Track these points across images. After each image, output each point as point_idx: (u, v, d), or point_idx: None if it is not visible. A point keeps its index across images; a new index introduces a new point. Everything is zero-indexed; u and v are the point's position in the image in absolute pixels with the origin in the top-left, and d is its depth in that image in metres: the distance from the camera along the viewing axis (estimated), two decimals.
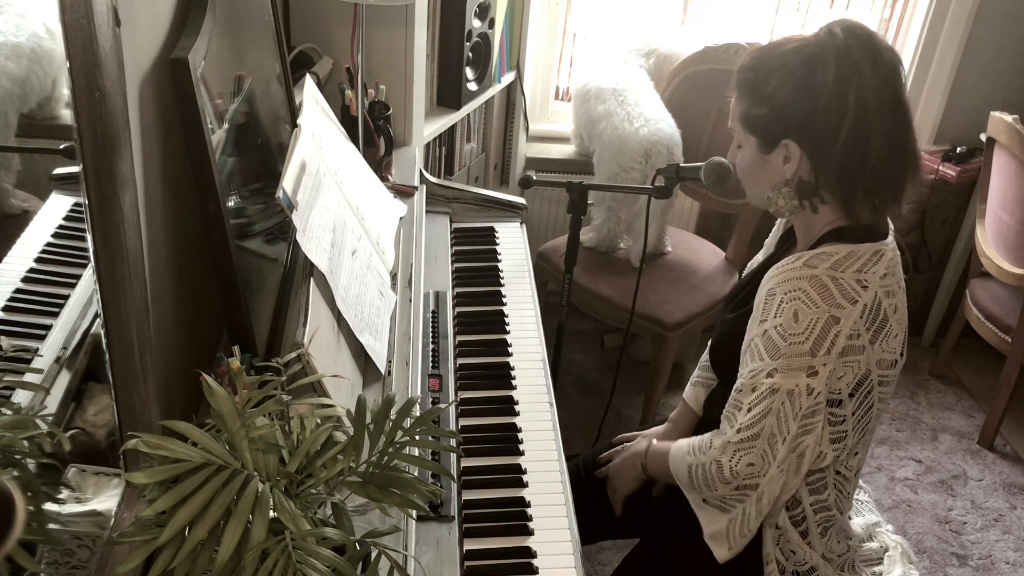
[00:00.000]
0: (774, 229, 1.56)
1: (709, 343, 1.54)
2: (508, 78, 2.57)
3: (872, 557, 1.45)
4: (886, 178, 1.25)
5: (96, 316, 0.93)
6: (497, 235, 1.95)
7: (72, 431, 0.96)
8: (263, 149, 1.47)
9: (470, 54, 2.27)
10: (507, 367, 1.58)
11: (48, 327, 0.95)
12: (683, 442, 1.39)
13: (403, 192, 1.87)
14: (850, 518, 1.45)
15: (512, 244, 1.93)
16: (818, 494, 1.33)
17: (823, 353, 1.21)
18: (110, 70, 0.87)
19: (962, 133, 2.93)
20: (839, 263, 1.24)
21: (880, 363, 1.27)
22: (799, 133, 1.24)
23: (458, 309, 1.71)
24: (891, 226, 1.35)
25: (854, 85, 1.19)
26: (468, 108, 2.37)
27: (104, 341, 0.92)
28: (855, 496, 1.56)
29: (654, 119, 2.39)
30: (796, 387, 1.22)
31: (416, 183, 1.93)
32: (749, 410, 1.26)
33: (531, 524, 1.29)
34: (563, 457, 1.42)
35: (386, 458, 0.94)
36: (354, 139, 1.79)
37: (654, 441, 1.51)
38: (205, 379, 0.89)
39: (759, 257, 1.57)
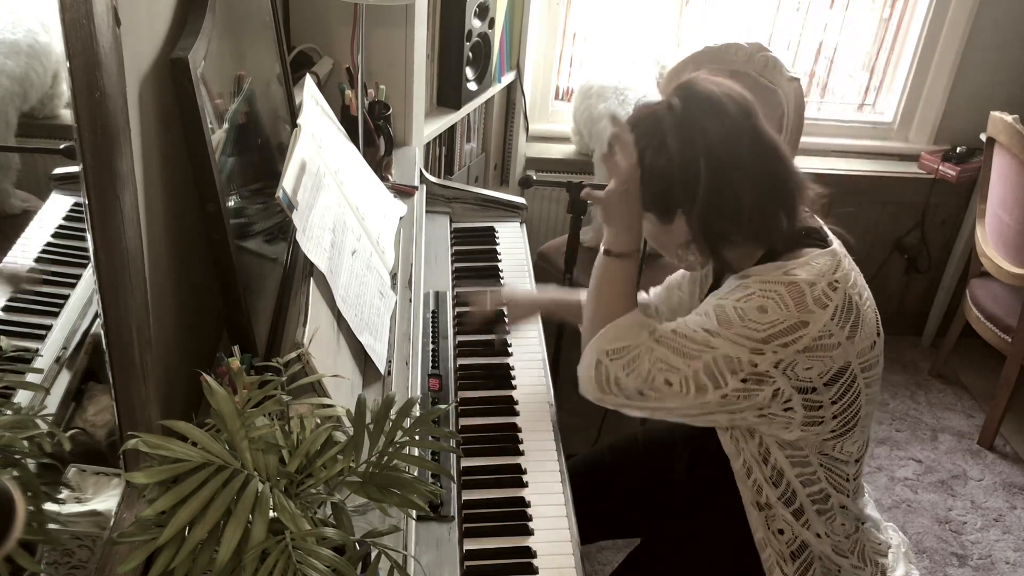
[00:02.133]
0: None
1: None
2: (508, 78, 2.57)
3: (881, 550, 1.44)
4: (766, 211, 1.27)
5: (96, 316, 0.94)
6: (497, 235, 1.95)
7: (72, 431, 0.96)
8: (263, 149, 1.47)
9: (470, 54, 2.27)
10: (507, 367, 1.58)
11: (48, 327, 0.95)
12: (635, 315, 1.34)
13: (403, 192, 1.87)
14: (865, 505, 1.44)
15: (512, 244, 1.93)
16: (802, 468, 1.32)
17: (778, 344, 1.22)
18: (110, 70, 0.87)
19: (962, 133, 2.93)
20: (820, 274, 1.25)
21: (860, 352, 1.27)
22: (679, 200, 1.28)
23: (458, 309, 1.71)
24: (823, 226, 1.36)
25: (700, 147, 1.24)
26: (468, 108, 2.37)
27: (104, 341, 0.92)
28: None
29: None
30: (737, 357, 1.23)
31: (416, 183, 1.93)
32: (677, 334, 1.26)
33: (531, 524, 1.29)
34: (563, 457, 1.42)
35: (386, 458, 0.94)
36: (354, 139, 1.79)
37: (631, 254, 1.40)
38: (205, 379, 0.89)
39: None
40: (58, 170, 0.95)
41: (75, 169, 0.86)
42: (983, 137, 2.66)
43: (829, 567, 1.37)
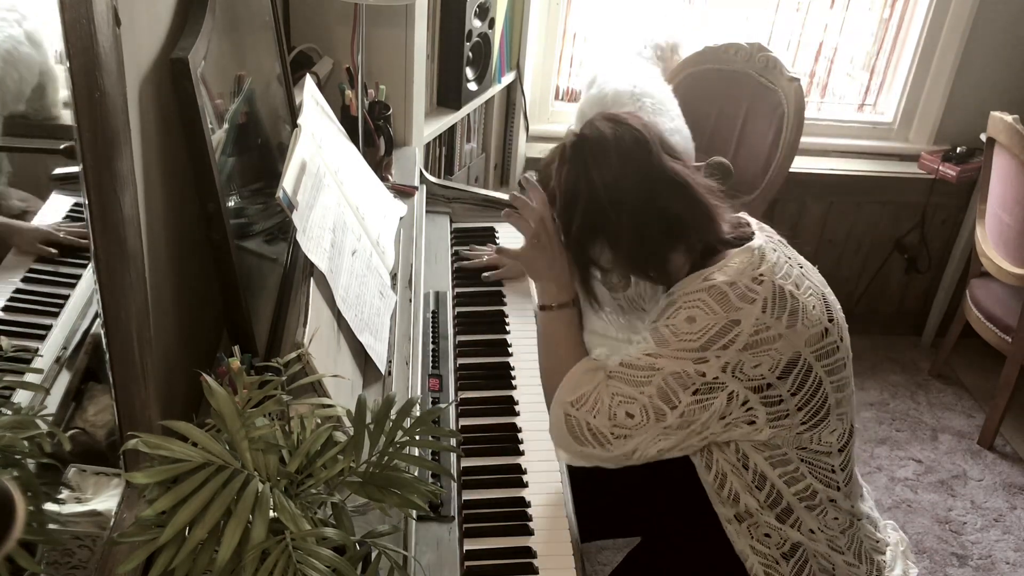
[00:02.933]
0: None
1: None
2: (508, 78, 2.57)
3: (879, 548, 1.44)
4: (668, 234, 1.31)
5: (96, 316, 0.93)
6: (497, 235, 1.95)
7: (72, 431, 0.96)
8: (263, 149, 1.47)
9: (470, 54, 2.27)
10: (507, 367, 1.58)
11: (48, 327, 0.95)
12: (584, 363, 1.34)
13: (403, 192, 1.87)
14: (862, 497, 1.44)
15: (512, 244, 1.93)
16: (783, 467, 1.32)
17: (717, 348, 1.23)
18: (110, 70, 0.87)
19: (962, 133, 2.93)
20: (740, 272, 1.27)
21: (809, 341, 1.27)
22: (588, 233, 1.33)
23: (458, 309, 1.71)
24: (748, 220, 1.39)
25: (584, 185, 1.30)
26: (468, 108, 2.37)
27: (104, 341, 0.92)
28: None
29: (670, 131, 2.32)
30: (683, 371, 1.24)
31: (416, 183, 1.93)
32: (625, 366, 1.27)
33: (531, 524, 1.29)
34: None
35: (386, 458, 0.94)
36: (354, 139, 1.79)
37: (571, 302, 1.41)
38: (205, 379, 0.89)
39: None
40: (58, 170, 0.95)
41: (75, 169, 0.86)
42: (983, 137, 2.66)
43: (824, 565, 1.37)
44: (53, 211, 0.95)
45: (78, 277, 0.98)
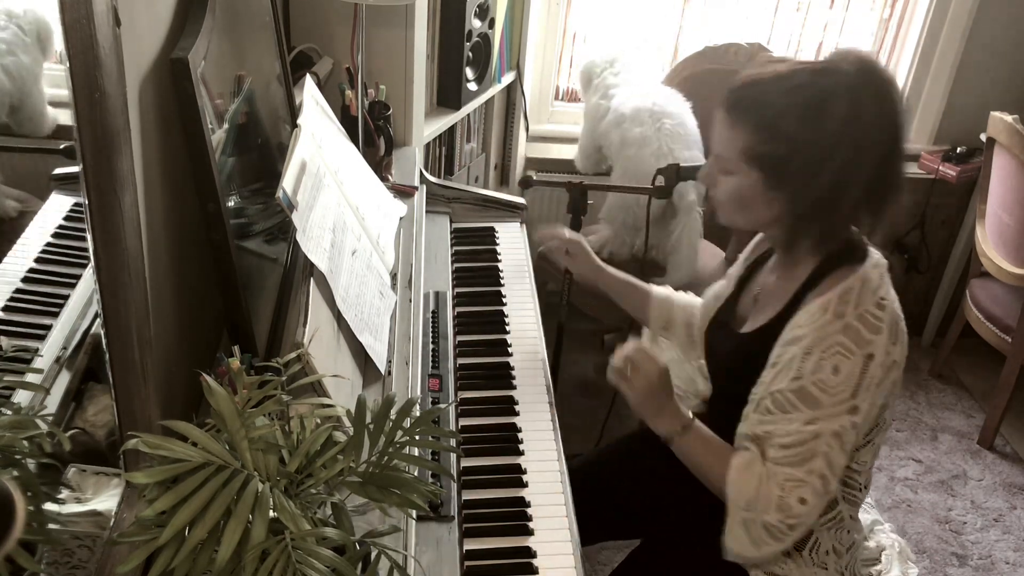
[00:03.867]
0: (746, 251, 1.55)
1: (711, 358, 1.53)
2: (508, 78, 2.57)
3: (870, 557, 1.45)
4: (861, 212, 1.25)
5: (96, 316, 0.93)
6: (497, 235, 1.95)
7: (72, 431, 0.96)
8: (263, 149, 1.47)
9: (470, 54, 2.27)
10: (507, 367, 1.58)
11: (48, 327, 0.95)
12: (736, 467, 1.29)
13: (403, 192, 1.87)
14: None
15: (512, 244, 1.93)
16: None
17: (863, 391, 1.22)
18: (110, 70, 0.87)
19: (962, 133, 2.93)
20: (860, 298, 1.23)
21: (896, 365, 1.28)
22: (812, 171, 1.22)
23: (458, 309, 1.71)
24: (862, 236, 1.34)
25: (856, 131, 1.18)
26: (468, 108, 2.37)
27: (104, 341, 0.92)
28: None
29: (687, 159, 2.25)
30: (840, 427, 1.22)
31: (416, 183, 1.93)
32: (787, 448, 1.23)
33: (531, 524, 1.29)
34: (563, 457, 1.42)
35: (386, 458, 0.94)
36: (354, 139, 1.79)
37: (693, 421, 1.37)
38: (205, 379, 0.89)
39: (735, 272, 1.55)
40: (58, 170, 0.95)
41: (75, 169, 0.86)
42: (983, 137, 2.66)
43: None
44: (53, 211, 0.95)
45: (78, 277, 0.98)
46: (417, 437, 0.95)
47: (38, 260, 0.94)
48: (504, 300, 1.75)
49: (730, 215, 1.33)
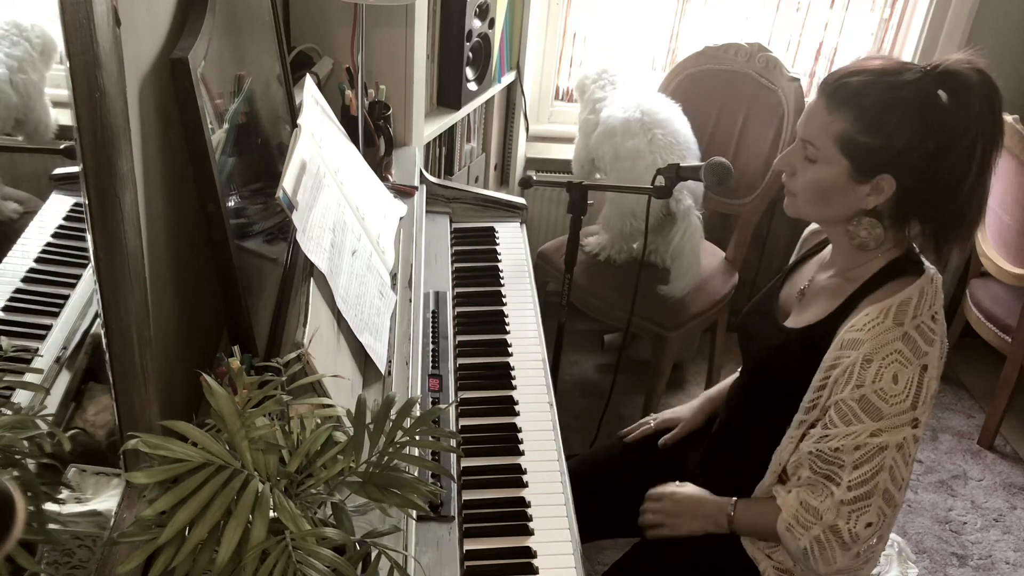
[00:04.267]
0: (804, 237, 1.54)
1: (747, 344, 1.52)
2: (508, 78, 2.57)
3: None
4: (961, 219, 1.25)
5: (96, 316, 0.93)
6: (497, 235, 1.95)
7: (72, 431, 0.96)
8: (263, 149, 1.47)
9: (470, 54, 2.27)
10: (507, 367, 1.58)
11: (48, 327, 0.95)
12: (787, 516, 1.31)
13: (403, 192, 1.87)
14: None
15: (512, 244, 1.93)
16: None
17: (922, 404, 1.23)
18: (110, 70, 0.87)
19: None
20: (918, 308, 1.24)
21: (937, 379, 1.28)
22: (903, 169, 1.22)
23: (458, 309, 1.71)
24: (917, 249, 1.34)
25: (981, 134, 1.19)
26: (468, 108, 2.37)
27: (104, 341, 0.92)
28: None
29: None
30: (904, 440, 1.22)
31: (416, 183, 1.93)
32: (855, 467, 1.23)
33: (531, 524, 1.29)
34: (563, 457, 1.42)
35: (386, 458, 0.94)
36: (354, 139, 1.79)
37: (738, 501, 1.42)
38: (205, 379, 0.89)
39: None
40: (58, 170, 0.95)
41: (75, 169, 0.86)
42: None
43: None
44: (53, 211, 0.95)
45: (78, 277, 0.98)
46: (417, 437, 0.95)
47: (38, 260, 0.94)
48: (504, 300, 1.75)
49: (805, 205, 1.30)
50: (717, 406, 1.62)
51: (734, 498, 1.41)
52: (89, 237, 0.88)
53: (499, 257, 1.88)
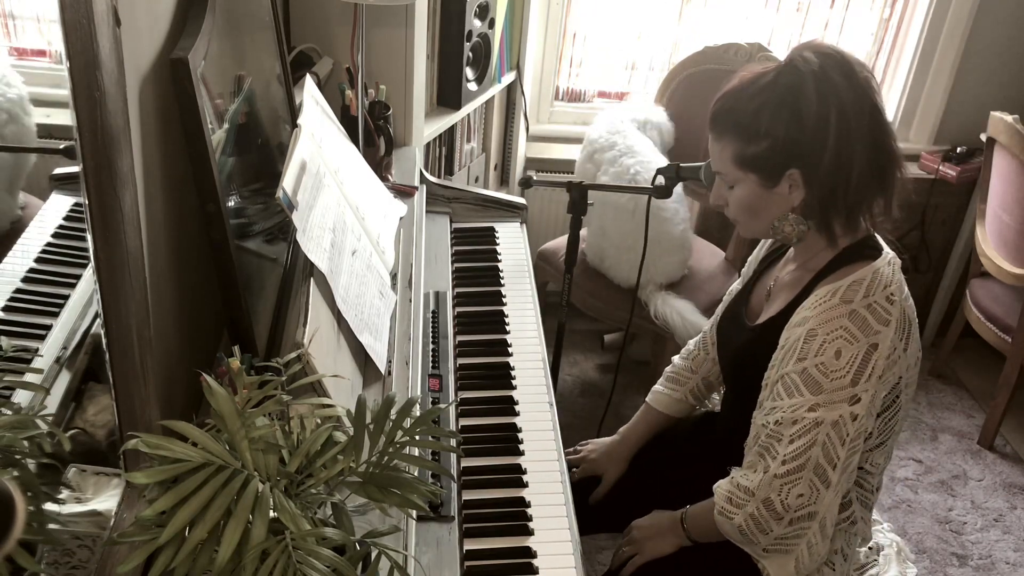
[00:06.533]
0: (757, 250, 1.56)
1: (722, 351, 1.54)
2: (508, 78, 2.57)
3: (865, 562, 1.45)
4: (871, 184, 1.27)
5: (96, 316, 0.93)
6: (497, 235, 1.95)
7: (72, 431, 0.96)
8: (263, 149, 1.47)
9: (470, 54, 2.27)
10: (507, 367, 1.58)
11: (48, 327, 0.95)
12: (719, 501, 1.35)
13: (403, 192, 1.87)
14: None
15: (512, 244, 1.93)
16: None
17: (864, 381, 1.23)
18: (110, 70, 0.87)
19: (962, 133, 2.93)
20: (870, 288, 1.25)
21: (908, 367, 1.28)
22: (799, 160, 1.26)
23: (458, 309, 1.71)
24: (878, 236, 1.37)
25: (834, 105, 1.22)
26: (468, 108, 2.37)
27: (104, 341, 0.92)
28: None
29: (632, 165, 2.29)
30: (840, 417, 1.23)
31: (416, 183, 1.93)
32: (791, 441, 1.25)
33: (531, 524, 1.29)
34: (563, 457, 1.42)
35: (386, 458, 0.94)
36: (354, 139, 1.79)
37: (688, 508, 1.46)
38: (205, 379, 0.89)
39: (747, 271, 1.57)
40: (58, 170, 0.95)
41: (75, 169, 0.86)
42: (983, 137, 2.66)
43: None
44: (53, 211, 0.95)
45: (78, 277, 0.98)
46: (417, 437, 0.95)
47: (38, 260, 0.94)
48: (504, 300, 1.75)
49: (747, 225, 1.38)
50: (642, 441, 1.65)
51: (686, 507, 1.44)
52: (89, 237, 0.88)
53: (499, 257, 1.88)
